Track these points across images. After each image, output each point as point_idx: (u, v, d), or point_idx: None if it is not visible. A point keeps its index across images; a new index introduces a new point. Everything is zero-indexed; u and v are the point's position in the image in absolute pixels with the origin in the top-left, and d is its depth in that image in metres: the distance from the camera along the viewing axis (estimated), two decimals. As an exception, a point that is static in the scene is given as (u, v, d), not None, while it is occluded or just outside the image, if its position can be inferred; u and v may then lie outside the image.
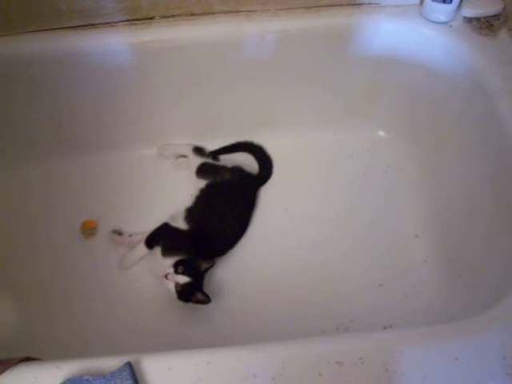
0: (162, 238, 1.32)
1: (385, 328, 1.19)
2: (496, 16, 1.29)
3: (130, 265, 1.33)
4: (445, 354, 0.78)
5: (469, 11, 1.28)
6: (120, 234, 1.38)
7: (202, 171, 1.43)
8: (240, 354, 0.79)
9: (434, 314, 1.20)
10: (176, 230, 1.32)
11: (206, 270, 1.25)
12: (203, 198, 1.38)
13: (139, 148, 1.54)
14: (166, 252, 1.26)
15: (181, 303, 1.22)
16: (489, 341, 0.79)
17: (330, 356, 0.77)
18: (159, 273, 1.23)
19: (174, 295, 1.20)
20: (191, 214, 1.34)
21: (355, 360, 0.77)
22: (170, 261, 1.23)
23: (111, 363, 0.76)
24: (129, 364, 0.75)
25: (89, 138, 1.51)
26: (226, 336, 1.19)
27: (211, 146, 1.53)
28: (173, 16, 1.28)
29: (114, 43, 1.26)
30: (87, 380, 0.73)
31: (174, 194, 1.44)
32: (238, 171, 1.44)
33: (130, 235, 1.37)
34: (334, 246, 1.37)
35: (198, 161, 1.46)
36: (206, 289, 1.23)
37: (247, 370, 0.77)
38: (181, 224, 1.32)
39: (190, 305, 1.23)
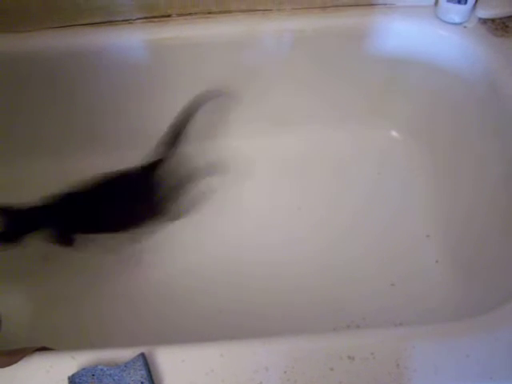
0: None
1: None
2: (511, 17, 1.28)
3: None
4: (456, 351, 0.77)
5: (484, 12, 1.27)
6: None
7: None
8: (252, 346, 0.80)
9: (445, 313, 1.20)
10: None
11: None
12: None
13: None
14: None
15: (195, 296, 1.25)
16: (500, 339, 0.79)
17: (341, 351, 0.77)
18: None
19: None
20: None
21: (367, 355, 0.77)
22: None
23: (125, 354, 0.77)
24: (142, 355, 0.76)
25: (104, 135, 1.52)
26: (237, 333, 1.19)
27: (225, 144, 1.54)
28: (190, 14, 1.29)
29: (132, 40, 1.28)
30: (101, 370, 0.74)
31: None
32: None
33: None
34: (346, 245, 1.37)
35: None
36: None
37: (259, 362, 0.77)
38: None
39: (203, 297, 1.26)
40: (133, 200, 1.27)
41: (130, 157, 1.52)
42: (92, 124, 1.48)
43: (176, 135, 1.33)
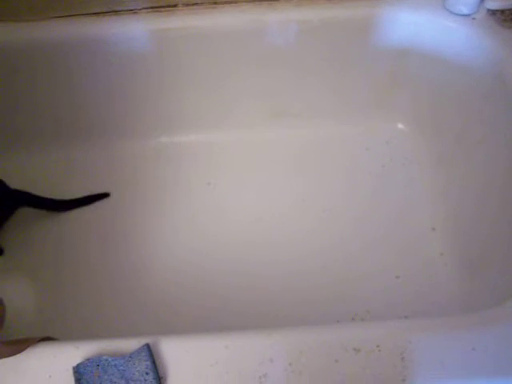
0: None
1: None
2: (521, 8, 1.27)
3: None
4: (462, 344, 0.77)
5: (492, 3, 1.25)
6: None
7: None
8: (258, 338, 0.79)
9: (450, 306, 1.20)
10: None
11: None
12: None
13: (157, 136, 1.55)
14: None
15: (200, 286, 1.25)
16: (507, 333, 0.78)
17: (347, 343, 0.77)
18: None
19: None
20: None
21: (372, 347, 0.77)
22: None
23: (130, 344, 0.77)
24: (147, 345, 0.75)
25: (105, 126, 1.52)
26: (242, 323, 1.20)
27: (228, 136, 1.54)
28: (196, 4, 1.28)
29: (137, 30, 1.27)
30: (106, 360, 0.74)
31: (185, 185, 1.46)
32: None
33: None
34: (350, 237, 1.37)
35: None
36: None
37: (264, 354, 0.77)
38: None
39: (210, 290, 1.26)
40: None
41: (132, 147, 1.54)
42: (93, 114, 1.48)
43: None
